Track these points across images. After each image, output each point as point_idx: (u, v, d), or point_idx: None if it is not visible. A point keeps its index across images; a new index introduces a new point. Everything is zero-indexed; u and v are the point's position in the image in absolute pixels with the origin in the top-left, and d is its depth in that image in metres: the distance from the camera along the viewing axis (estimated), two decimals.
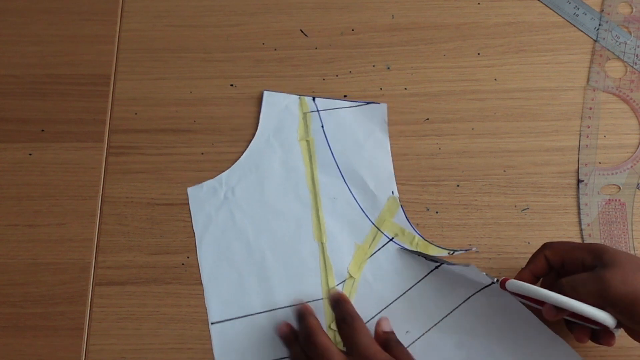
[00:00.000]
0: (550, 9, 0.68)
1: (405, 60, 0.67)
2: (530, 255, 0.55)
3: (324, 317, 0.58)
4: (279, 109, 0.64)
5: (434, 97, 0.65)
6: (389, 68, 0.66)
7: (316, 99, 0.64)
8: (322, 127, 0.64)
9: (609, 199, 0.62)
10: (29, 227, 0.61)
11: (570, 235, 0.61)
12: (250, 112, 0.65)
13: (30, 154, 0.64)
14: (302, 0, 0.69)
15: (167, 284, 0.60)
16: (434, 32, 0.67)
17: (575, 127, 0.64)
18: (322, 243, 0.60)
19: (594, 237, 0.61)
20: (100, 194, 0.62)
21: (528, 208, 0.62)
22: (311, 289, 0.59)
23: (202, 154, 0.64)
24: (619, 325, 0.49)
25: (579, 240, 0.61)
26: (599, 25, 0.67)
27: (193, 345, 0.58)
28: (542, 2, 0.68)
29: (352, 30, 0.68)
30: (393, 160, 0.63)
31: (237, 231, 0.61)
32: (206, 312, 0.59)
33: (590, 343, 0.53)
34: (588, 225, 0.61)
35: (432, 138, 0.64)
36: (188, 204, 0.62)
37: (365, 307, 0.57)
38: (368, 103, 0.64)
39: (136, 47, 0.67)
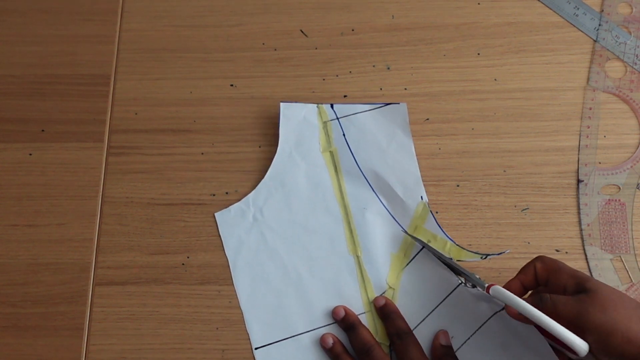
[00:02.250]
0: (550, 9, 0.68)
1: (405, 60, 0.67)
2: (530, 256, 0.55)
3: (371, 329, 0.57)
4: (297, 120, 0.63)
5: (434, 97, 0.65)
6: (389, 68, 0.66)
7: (335, 106, 0.63)
8: (344, 135, 0.62)
9: (609, 199, 0.62)
10: (29, 227, 0.61)
11: (570, 235, 0.61)
12: (250, 112, 0.65)
13: (30, 154, 0.64)
14: (302, 0, 0.69)
15: (167, 284, 0.60)
16: (434, 32, 0.67)
17: (575, 127, 0.64)
18: (357, 256, 0.59)
19: (594, 237, 0.61)
20: (100, 194, 0.62)
21: (528, 208, 0.62)
22: (352, 304, 0.58)
23: (202, 154, 0.64)
24: (589, 356, 0.48)
25: (579, 241, 0.61)
26: (599, 25, 0.67)
27: (193, 345, 0.58)
28: (542, 2, 0.68)
29: (352, 30, 0.68)
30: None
31: (270, 252, 0.60)
32: (206, 312, 0.59)
33: None
34: (588, 225, 0.61)
35: (432, 138, 0.64)
36: (188, 203, 0.62)
37: (408, 317, 0.57)
38: (387, 104, 0.63)
39: (136, 47, 0.67)
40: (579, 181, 0.62)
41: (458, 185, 0.62)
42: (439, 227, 0.59)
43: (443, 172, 0.63)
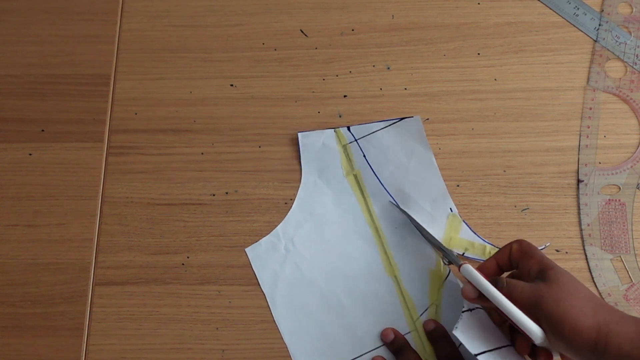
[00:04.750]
0: (550, 9, 0.68)
1: (405, 60, 0.67)
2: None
3: (417, 348, 0.57)
4: (317, 148, 0.62)
5: (434, 97, 0.65)
6: (389, 68, 0.66)
7: (351, 128, 0.63)
8: (364, 156, 0.62)
9: (609, 199, 0.62)
10: (29, 227, 0.61)
11: (570, 235, 0.61)
12: (250, 112, 0.65)
13: (30, 154, 0.64)
14: (302, 0, 0.69)
15: (167, 284, 0.60)
16: (434, 32, 0.67)
17: (575, 127, 0.64)
18: (395, 277, 0.59)
19: (594, 237, 0.61)
20: (100, 194, 0.62)
21: (528, 208, 0.62)
22: (396, 325, 0.57)
23: (202, 154, 0.64)
24: (546, 344, 0.49)
25: (579, 241, 0.61)
26: (599, 25, 0.67)
27: (193, 346, 0.58)
28: (542, 2, 0.68)
29: (352, 30, 0.68)
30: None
31: (307, 282, 0.59)
32: (206, 312, 0.59)
33: None
34: (588, 225, 0.61)
35: (432, 138, 0.64)
36: (188, 203, 0.62)
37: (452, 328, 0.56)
38: (401, 119, 0.62)
39: (136, 47, 0.67)
40: (579, 181, 0.62)
41: (458, 185, 0.62)
42: (475, 233, 0.59)
43: (443, 172, 0.63)
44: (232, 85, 0.66)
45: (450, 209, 0.61)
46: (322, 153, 0.62)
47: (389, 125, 0.62)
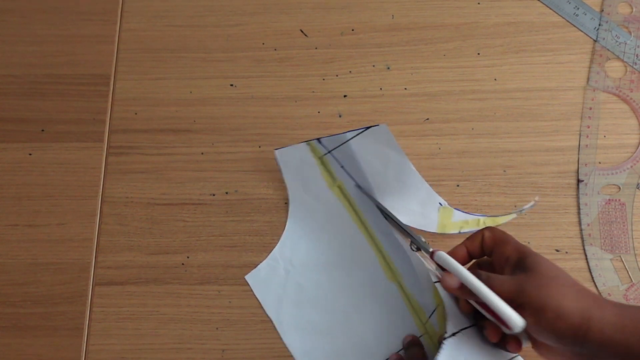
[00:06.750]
0: (550, 9, 0.68)
1: (405, 60, 0.67)
2: None
3: (429, 351, 0.56)
4: (296, 163, 0.60)
5: (434, 97, 0.65)
6: (389, 68, 0.66)
7: (322, 140, 0.59)
8: (343, 167, 0.60)
9: (609, 199, 0.62)
10: (29, 227, 0.61)
11: (570, 235, 0.61)
12: (250, 112, 0.65)
13: (30, 154, 0.64)
14: (302, 0, 0.69)
15: (167, 284, 0.60)
16: (434, 32, 0.67)
17: (575, 127, 0.64)
18: (398, 282, 0.58)
19: (594, 237, 0.61)
20: (100, 194, 0.62)
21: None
22: (407, 330, 0.56)
23: (202, 154, 0.64)
24: (525, 333, 0.48)
25: (579, 241, 0.61)
26: (599, 25, 0.67)
27: (193, 346, 0.58)
28: (542, 2, 0.68)
29: (352, 30, 0.68)
30: None
31: (311, 300, 0.58)
32: (206, 312, 0.59)
33: None
34: (588, 225, 0.61)
35: (432, 138, 0.64)
36: (188, 203, 0.62)
37: (459, 322, 0.54)
38: (367, 128, 0.58)
39: (136, 47, 0.67)
40: (579, 181, 0.62)
41: (458, 185, 0.62)
42: (465, 212, 0.58)
43: (443, 172, 0.63)
44: (232, 85, 0.66)
45: (440, 203, 0.60)
46: (301, 168, 0.60)
47: (356, 135, 0.58)
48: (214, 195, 0.62)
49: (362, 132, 0.58)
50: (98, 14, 0.68)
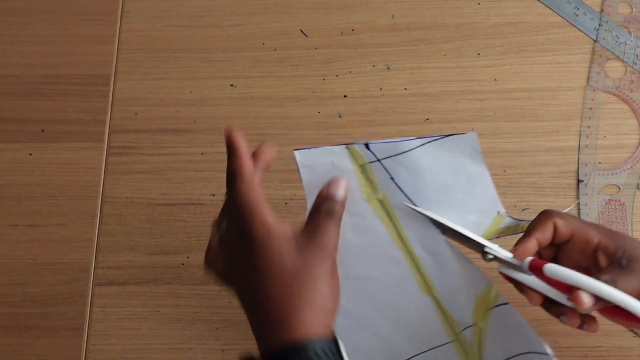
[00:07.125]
0: (550, 9, 0.68)
1: (405, 60, 0.66)
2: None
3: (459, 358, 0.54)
4: (324, 169, 0.50)
5: (434, 97, 0.65)
6: (389, 68, 0.66)
7: (371, 145, 0.50)
8: (392, 178, 0.51)
9: (609, 199, 0.62)
10: (29, 227, 0.61)
11: None
12: (250, 112, 0.65)
13: (30, 154, 0.64)
14: (302, 0, 0.69)
15: (167, 284, 0.60)
16: (434, 32, 0.67)
17: (575, 127, 0.64)
18: (434, 297, 0.53)
19: None
20: (100, 194, 0.62)
21: (528, 208, 0.62)
22: (435, 337, 0.54)
23: (202, 154, 0.64)
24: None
25: None
26: (599, 25, 0.67)
27: (193, 346, 0.58)
28: (542, 2, 0.68)
29: (352, 30, 0.68)
30: None
31: (340, 315, 0.50)
32: (206, 312, 0.59)
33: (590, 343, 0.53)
34: None
35: None
36: (188, 203, 0.62)
37: (497, 353, 0.52)
38: (447, 136, 0.50)
39: (136, 47, 0.67)
40: (579, 181, 0.62)
41: None
42: (514, 218, 0.53)
43: None
44: (232, 85, 0.66)
45: (498, 211, 0.54)
46: (331, 174, 0.49)
47: (427, 142, 0.51)
48: (214, 195, 0.62)
49: (439, 139, 0.51)
50: (98, 14, 0.68)
